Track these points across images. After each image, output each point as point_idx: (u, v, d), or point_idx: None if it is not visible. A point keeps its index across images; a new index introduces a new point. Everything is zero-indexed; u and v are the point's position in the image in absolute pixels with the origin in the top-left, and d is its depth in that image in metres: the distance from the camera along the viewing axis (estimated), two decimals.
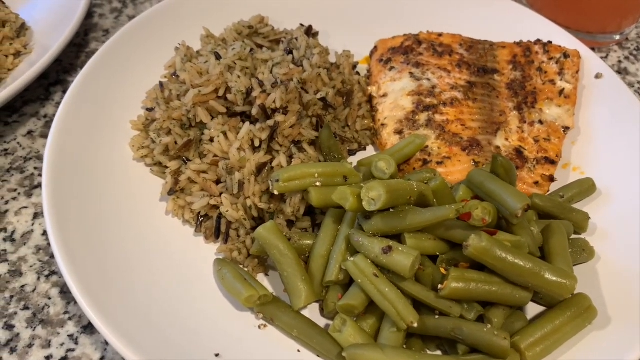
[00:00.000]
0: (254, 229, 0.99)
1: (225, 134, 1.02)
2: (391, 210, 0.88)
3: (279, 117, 1.01)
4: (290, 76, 1.08)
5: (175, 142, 1.03)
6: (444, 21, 1.37)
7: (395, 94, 1.19)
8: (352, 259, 0.87)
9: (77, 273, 0.88)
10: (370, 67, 1.29)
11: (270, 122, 1.00)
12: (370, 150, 1.18)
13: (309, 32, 1.29)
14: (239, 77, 1.06)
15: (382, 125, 1.16)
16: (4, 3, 1.37)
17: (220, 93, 1.06)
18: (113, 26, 1.46)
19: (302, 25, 1.30)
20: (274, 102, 1.01)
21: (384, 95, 1.20)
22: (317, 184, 0.95)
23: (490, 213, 0.86)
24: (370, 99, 1.22)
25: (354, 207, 0.88)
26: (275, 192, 0.94)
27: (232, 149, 0.99)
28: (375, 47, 1.33)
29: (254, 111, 1.02)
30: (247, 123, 1.02)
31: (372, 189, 0.85)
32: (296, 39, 1.22)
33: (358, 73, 1.28)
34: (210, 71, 1.08)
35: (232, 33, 1.25)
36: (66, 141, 1.03)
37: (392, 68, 1.24)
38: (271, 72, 1.10)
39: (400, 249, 0.85)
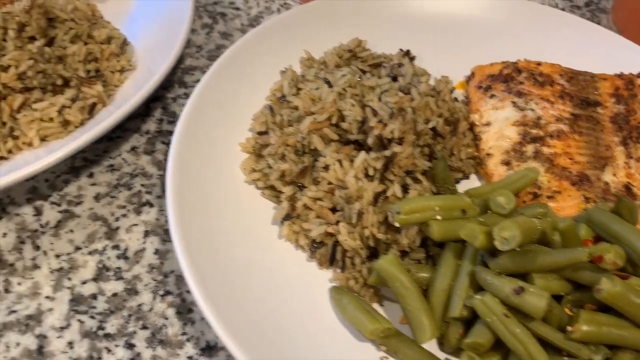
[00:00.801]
0: (368, 257, 1.00)
1: (340, 162, 1.03)
2: (517, 249, 0.88)
3: (396, 148, 1.01)
4: (400, 104, 1.08)
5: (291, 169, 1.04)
6: (535, 48, 1.37)
7: (498, 123, 1.19)
8: (478, 296, 0.88)
9: (206, 293, 0.89)
10: (468, 93, 1.30)
11: (387, 153, 1.01)
12: (473, 179, 1.18)
13: (407, 56, 1.30)
14: (353, 105, 1.07)
15: (488, 154, 1.16)
16: (102, 17, 1.39)
17: (334, 120, 1.07)
18: (205, 42, 1.48)
19: (401, 50, 1.31)
20: (392, 132, 1.02)
21: (487, 124, 1.20)
22: (437, 217, 0.95)
23: (622, 257, 0.86)
24: (471, 126, 1.22)
25: (484, 246, 0.88)
26: (397, 225, 0.95)
27: (349, 178, 1.00)
28: (473, 73, 1.33)
29: (370, 140, 1.03)
30: (363, 152, 1.03)
31: (506, 228, 0.85)
32: (399, 65, 1.22)
33: (456, 99, 1.28)
34: (323, 98, 1.09)
35: (334, 57, 1.26)
36: (184, 165, 1.05)
37: (492, 96, 1.24)
38: (380, 99, 1.11)
39: (531, 289, 0.85)
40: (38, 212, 1.12)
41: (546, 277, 0.88)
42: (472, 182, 1.17)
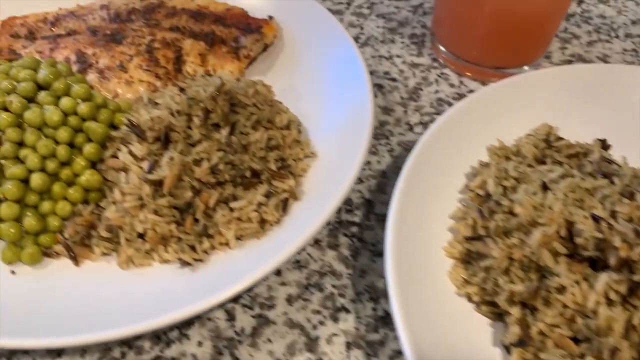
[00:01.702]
0: None
1: (578, 283, 0.94)
2: None
3: None
4: (629, 215, 0.99)
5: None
6: None
7: None
8: None
9: None
10: None
11: (636, 277, 0.92)
12: None
13: (605, 146, 1.21)
14: (585, 217, 0.98)
15: None
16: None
17: (562, 233, 0.98)
18: None
19: (598, 140, 1.21)
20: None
21: None
22: None
23: None
24: None
25: None
26: None
27: (593, 305, 0.91)
28: None
29: (612, 261, 0.94)
30: (605, 274, 0.93)
31: None
32: (607, 160, 1.13)
33: None
34: (547, 206, 1.01)
35: (530, 147, 1.17)
36: (401, 278, 0.97)
37: None
38: (603, 205, 1.02)
39: None
40: (231, 317, 1.06)
41: None
42: None
